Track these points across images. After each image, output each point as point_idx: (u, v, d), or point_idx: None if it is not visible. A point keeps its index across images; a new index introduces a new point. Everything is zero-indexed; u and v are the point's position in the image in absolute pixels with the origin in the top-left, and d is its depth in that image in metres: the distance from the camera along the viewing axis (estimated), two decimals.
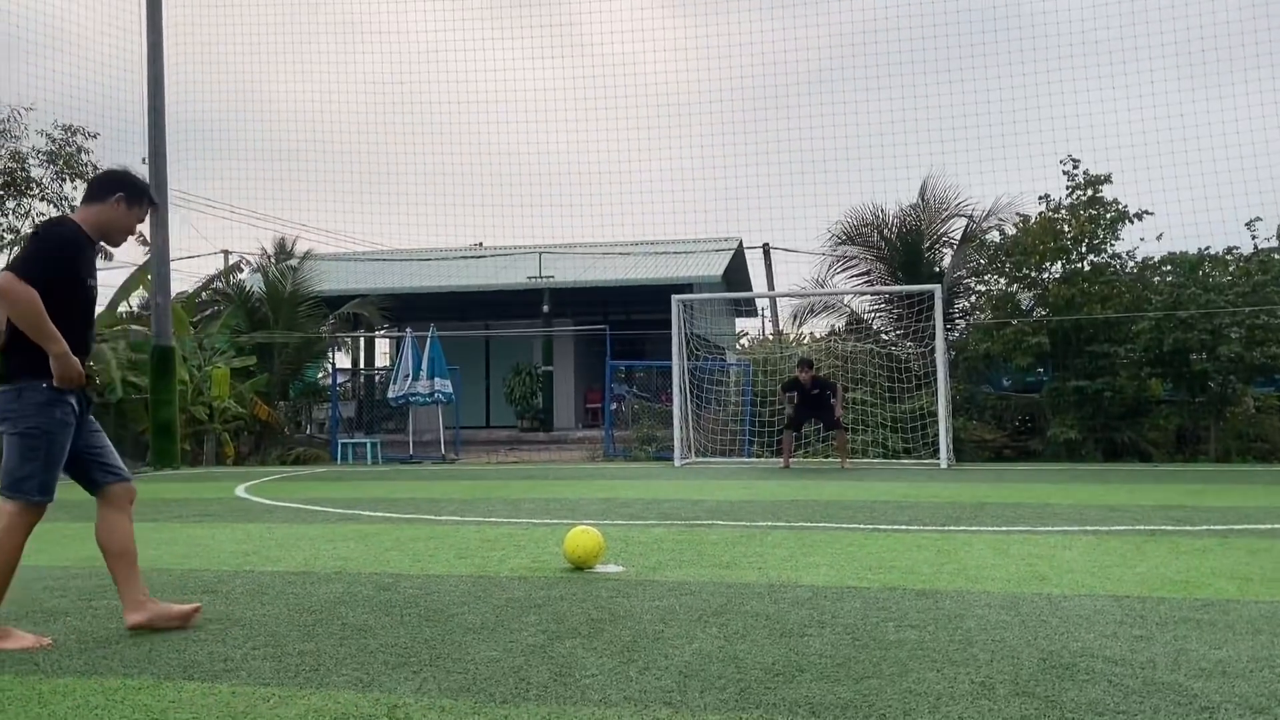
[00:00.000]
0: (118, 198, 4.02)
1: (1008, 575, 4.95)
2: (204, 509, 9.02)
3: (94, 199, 4.04)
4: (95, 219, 4.01)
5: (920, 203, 18.04)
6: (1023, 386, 17.11)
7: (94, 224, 4.00)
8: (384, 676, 3.25)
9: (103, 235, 4.06)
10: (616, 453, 17.44)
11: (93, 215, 4.01)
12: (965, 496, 9.19)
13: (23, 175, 18.83)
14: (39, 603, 4.64)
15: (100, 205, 4.01)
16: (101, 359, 16.17)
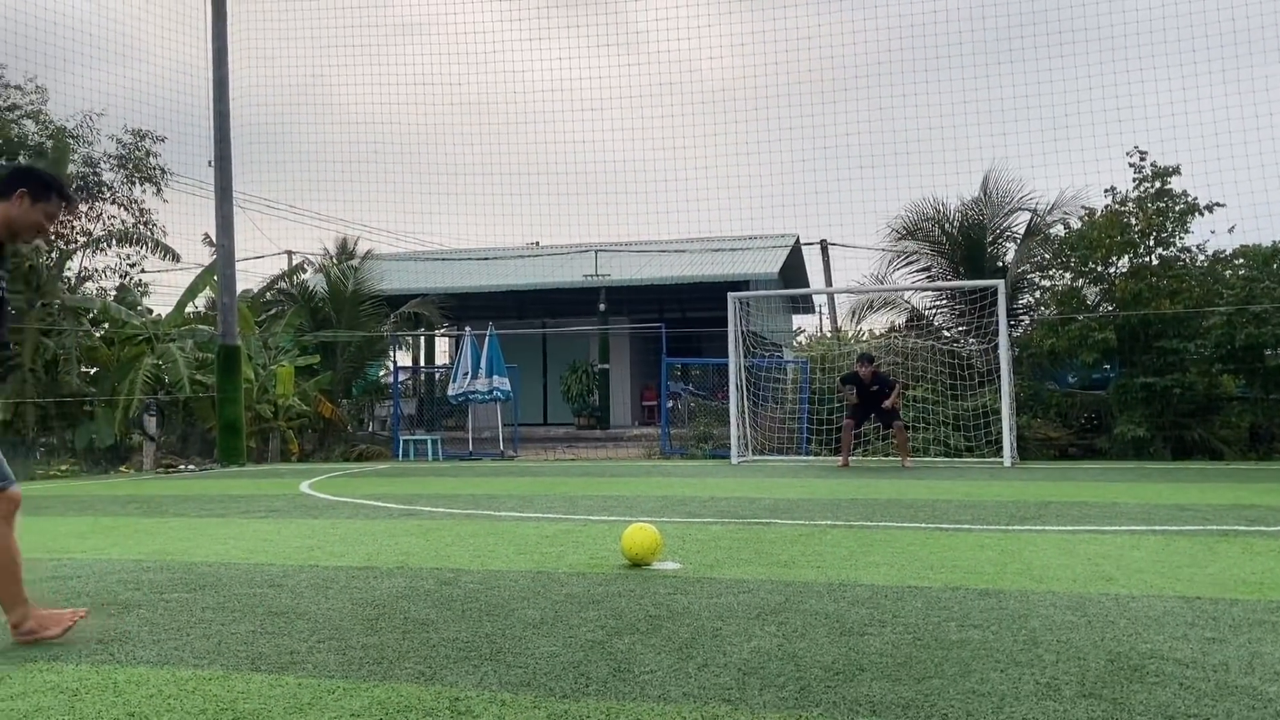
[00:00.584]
0: (20, 193, 3.87)
1: (1074, 575, 4.85)
2: (269, 505, 9.20)
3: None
4: (1, 217, 3.89)
5: (982, 196, 17.76)
6: (1089, 383, 16.77)
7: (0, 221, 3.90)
8: (446, 670, 3.29)
9: (10, 233, 3.91)
10: (673, 450, 17.44)
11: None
12: (1029, 495, 9.03)
13: (94, 179, 19.38)
14: (113, 595, 4.76)
15: (4, 203, 3.87)
16: (169, 358, 16.58)
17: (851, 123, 32.87)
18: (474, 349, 18.34)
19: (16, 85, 18.69)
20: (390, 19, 33.31)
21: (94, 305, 17.62)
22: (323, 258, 23.90)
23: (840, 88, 36.00)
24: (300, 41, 33.92)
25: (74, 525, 7.98)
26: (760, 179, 39.12)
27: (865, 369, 13.66)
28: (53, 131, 18.61)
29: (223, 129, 16.74)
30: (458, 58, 38.23)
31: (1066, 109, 26.82)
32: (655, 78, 40.87)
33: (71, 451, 16.19)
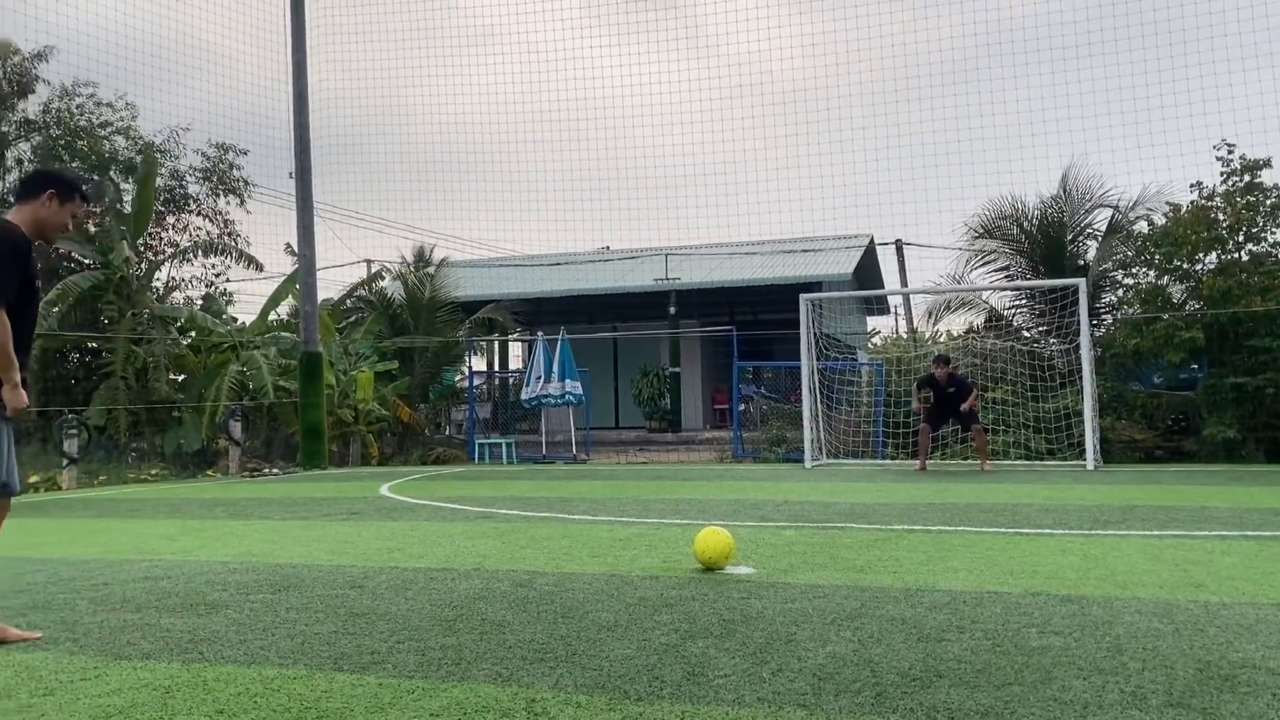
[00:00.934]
0: (49, 194, 4.04)
1: (1160, 581, 4.72)
2: (350, 507, 9.39)
3: (26, 198, 4.06)
4: (30, 218, 4.03)
5: (1061, 193, 17.34)
6: (1175, 384, 16.25)
7: (29, 223, 4.03)
8: (522, 671, 3.33)
9: (38, 233, 4.07)
10: (745, 454, 17.37)
11: (27, 215, 4.03)
12: (1114, 499, 8.81)
13: (181, 192, 20.02)
14: (201, 595, 4.91)
15: (33, 204, 4.04)
16: (254, 364, 17.02)
17: (926, 121, 32.39)
18: (546, 353, 18.49)
19: (108, 103, 19.41)
20: (464, 29, 33.85)
21: (181, 314, 18.18)
22: (400, 265, 24.35)
23: (914, 86, 35.52)
24: (377, 53, 34.63)
25: (164, 528, 8.24)
26: (833, 179, 38.79)
27: (941, 371, 13.44)
28: (141, 147, 19.27)
29: (303, 141, 17.15)
30: (530, 65, 38.62)
31: (1149, 102, 26.03)
32: (726, 80, 40.77)
33: (161, 456, 16.72)
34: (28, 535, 8.04)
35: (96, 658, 3.68)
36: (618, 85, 41.86)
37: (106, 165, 18.83)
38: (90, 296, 17.01)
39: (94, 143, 18.71)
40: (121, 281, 17.12)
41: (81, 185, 4.25)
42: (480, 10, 40.50)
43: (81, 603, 4.79)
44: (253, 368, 17.07)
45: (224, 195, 20.44)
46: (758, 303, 25.10)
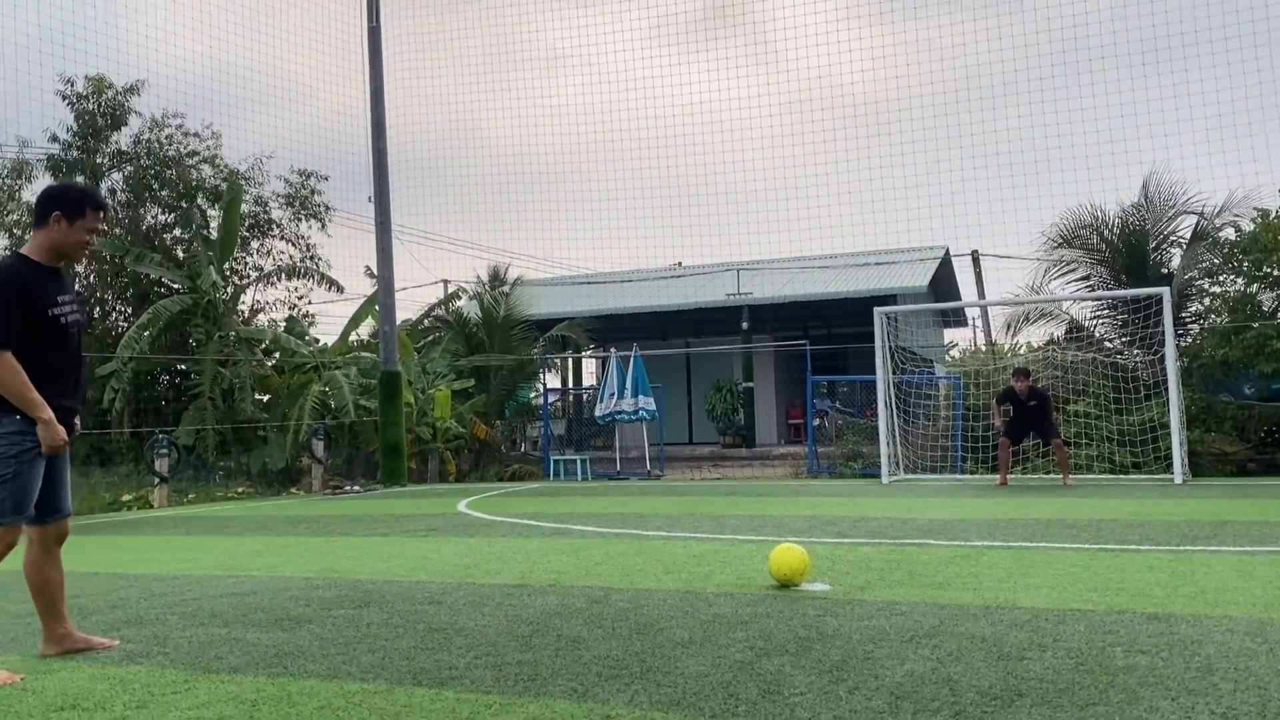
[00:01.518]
0: (55, 216, 4.01)
1: (1253, 599, 4.57)
2: (429, 524, 9.54)
3: (38, 225, 4.05)
4: (43, 244, 4.02)
5: (1143, 201, 16.90)
6: (1268, 395, 15.68)
7: (44, 248, 4.02)
8: (597, 687, 3.35)
9: (59, 255, 4.06)
10: (820, 469, 17.21)
11: (42, 240, 4.03)
12: (1203, 514, 8.53)
13: (265, 217, 20.61)
14: (286, 610, 5.03)
15: (44, 230, 4.02)
16: (335, 384, 17.40)
17: (1001, 130, 31.87)
18: (619, 370, 18.57)
19: (195, 133, 20.09)
20: (537, 52, 34.30)
21: (266, 336, 18.69)
22: (476, 285, 24.69)
23: (988, 94, 35.03)
24: (451, 77, 35.31)
25: (250, 544, 8.47)
26: (907, 191, 38.38)
27: (1022, 384, 13.18)
28: (227, 175, 19.90)
29: (381, 165, 17.54)
30: (602, 85, 39.01)
31: (1234, 105, 25.32)
32: (798, 93, 40.66)
33: (247, 474, 17.18)
34: (121, 552, 8.33)
35: (186, 671, 3.80)
36: (688, 102, 42.03)
37: (194, 194, 19.48)
38: (179, 320, 17.60)
39: (182, 172, 19.38)
40: (209, 305, 17.67)
41: (88, 195, 4.19)
42: (552, 33, 41.02)
43: (172, 617, 4.95)
44: (334, 387, 17.45)
45: (305, 220, 20.99)
46: (831, 317, 24.89)
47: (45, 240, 4.01)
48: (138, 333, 16.75)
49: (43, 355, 3.89)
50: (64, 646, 4.14)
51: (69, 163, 18.98)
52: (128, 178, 19.43)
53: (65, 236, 4.02)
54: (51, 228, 4.00)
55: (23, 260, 3.99)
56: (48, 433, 3.86)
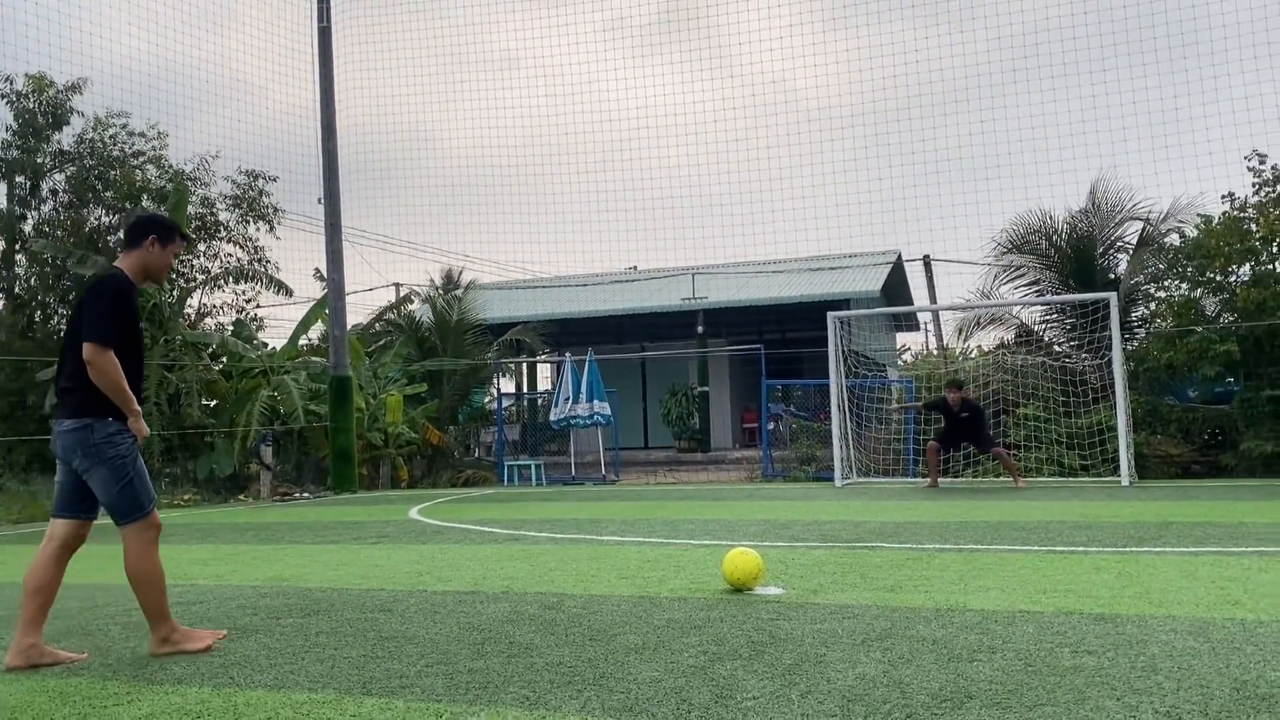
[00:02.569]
0: (151, 240, 4.35)
1: (1196, 599, 4.65)
2: (380, 531, 9.43)
3: (132, 245, 4.36)
4: (137, 264, 4.35)
5: (1091, 207, 17.21)
6: (1211, 398, 16.04)
7: (137, 268, 4.34)
8: (550, 695, 3.33)
9: (146, 276, 4.40)
10: (775, 473, 17.29)
11: (134, 261, 4.34)
12: (1148, 515, 8.69)
13: (212, 219, 20.29)
14: (233, 620, 4.94)
15: (139, 250, 4.35)
16: (284, 389, 17.17)
17: (953, 136, 32.26)
18: (574, 374, 18.53)
19: (140, 132, 19.72)
20: (489, 55, 34.18)
21: (213, 340, 18.38)
22: (429, 289, 24.50)
23: (940, 101, 35.43)
24: (403, 79, 35.04)
25: (196, 552, 8.31)
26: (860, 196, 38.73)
27: (954, 395, 13.41)
28: (172, 175, 19.55)
29: (331, 167, 17.35)
30: (555, 88, 38.90)
31: (1178, 114, 25.89)
32: (750, 99, 40.90)
33: (193, 481, 16.88)
34: None
35: (129, 683, 3.71)
36: (642, 106, 42.11)
37: (138, 195, 19.11)
38: None
39: (126, 172, 19.01)
40: (154, 309, 17.35)
41: (179, 226, 4.55)
42: (504, 36, 40.90)
43: (114, 628, 4.84)
44: (283, 392, 17.22)
45: (254, 222, 20.67)
46: (786, 321, 25.05)
47: (138, 260, 4.35)
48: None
49: (125, 363, 4.17)
50: (29, 660, 4.06)
51: (8, 162, 18.53)
52: (70, 178, 19.02)
53: (157, 259, 4.39)
54: (147, 249, 4.35)
55: (123, 275, 4.28)
56: (139, 426, 4.19)
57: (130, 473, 4.15)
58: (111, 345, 4.08)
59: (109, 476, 4.12)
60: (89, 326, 4.08)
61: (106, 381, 4.07)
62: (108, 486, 4.13)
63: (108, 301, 4.13)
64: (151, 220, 4.46)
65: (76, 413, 4.13)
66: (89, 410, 4.12)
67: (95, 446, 4.10)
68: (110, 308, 4.12)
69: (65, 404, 4.18)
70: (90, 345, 4.05)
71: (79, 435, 4.12)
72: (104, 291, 4.16)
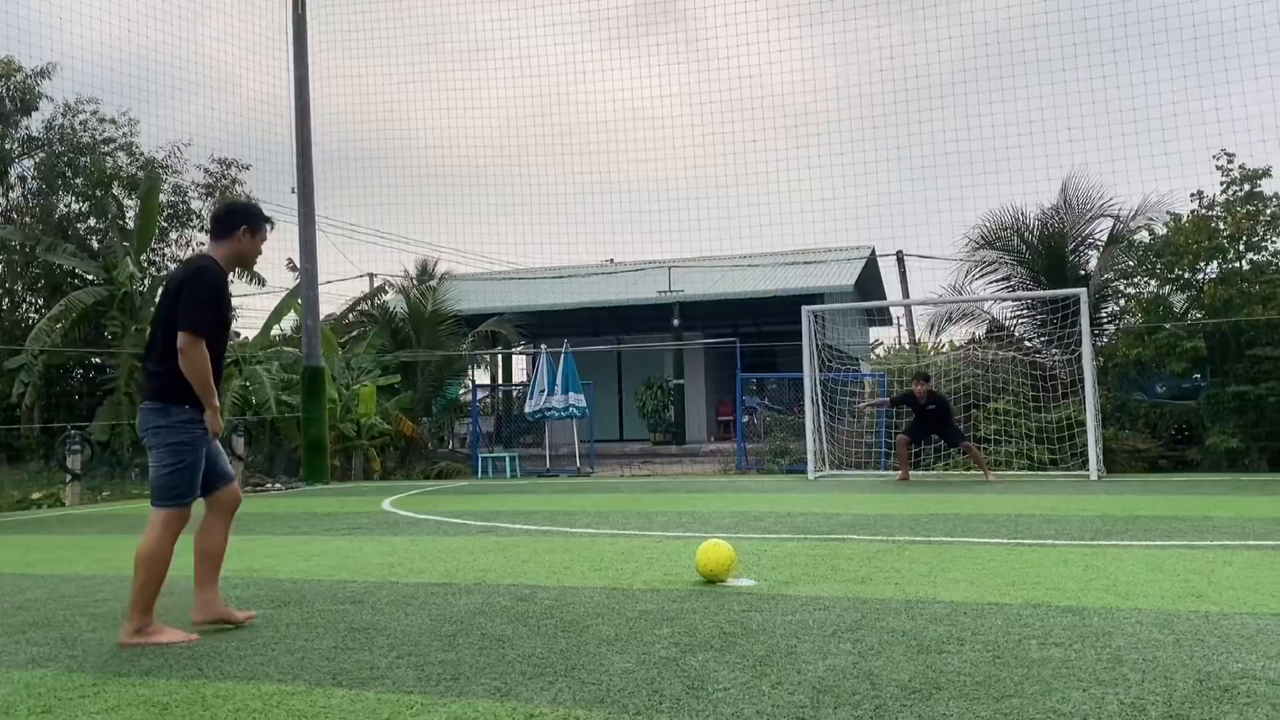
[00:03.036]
0: (243, 229, 4.43)
1: (1161, 592, 4.71)
2: (352, 522, 9.39)
3: (223, 235, 4.42)
4: (230, 253, 4.43)
5: (1062, 203, 17.35)
6: (1178, 393, 16.23)
7: (228, 257, 4.43)
8: (521, 686, 3.33)
9: (237, 264, 4.51)
10: (749, 466, 17.34)
11: (227, 250, 4.42)
12: (1116, 509, 8.79)
13: (184, 207, 20.09)
14: None
15: (231, 240, 4.42)
16: (256, 379, 17.03)
17: (927, 133, 32.43)
18: (550, 366, 18.49)
19: (110, 119, 19.49)
20: (466, 44, 34.00)
21: None
22: (403, 279, 24.38)
23: (915, 98, 35.62)
24: (379, 68, 34.78)
25: None
26: (835, 191, 38.86)
27: (921, 388, 13.51)
28: (144, 163, 19.34)
29: (305, 156, 17.20)
30: (533, 79, 38.79)
31: (1149, 112, 26.10)
32: (728, 93, 40.92)
33: None
34: (29, 551, 8.05)
35: (95, 675, 3.68)
36: (619, 97, 42.03)
37: (109, 182, 18.89)
38: (94, 312, 17.06)
39: (96, 159, 18.78)
40: (125, 297, 17.17)
41: (264, 214, 4.63)
42: (482, 25, 40.70)
43: (81, 619, 4.80)
44: (255, 383, 17.09)
45: None
46: (761, 315, 25.11)
47: (230, 250, 4.43)
48: (49, 325, 16.20)
49: (215, 353, 4.28)
50: (208, 614, 4.41)
51: None
52: (39, 164, 18.78)
53: (248, 248, 4.47)
54: (239, 239, 4.42)
55: (217, 264, 4.36)
56: (215, 419, 4.28)
57: (185, 463, 4.25)
58: (205, 335, 4.18)
59: (164, 458, 4.23)
60: (185, 315, 4.16)
61: (194, 371, 4.16)
62: (159, 467, 4.24)
63: (206, 291, 4.22)
64: (243, 210, 4.55)
65: (158, 395, 4.24)
66: (169, 395, 4.23)
67: (165, 428, 4.22)
68: (208, 298, 4.22)
69: (149, 385, 4.29)
70: (185, 334, 4.14)
71: (155, 415, 4.24)
72: (203, 281, 4.24)
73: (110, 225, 18.25)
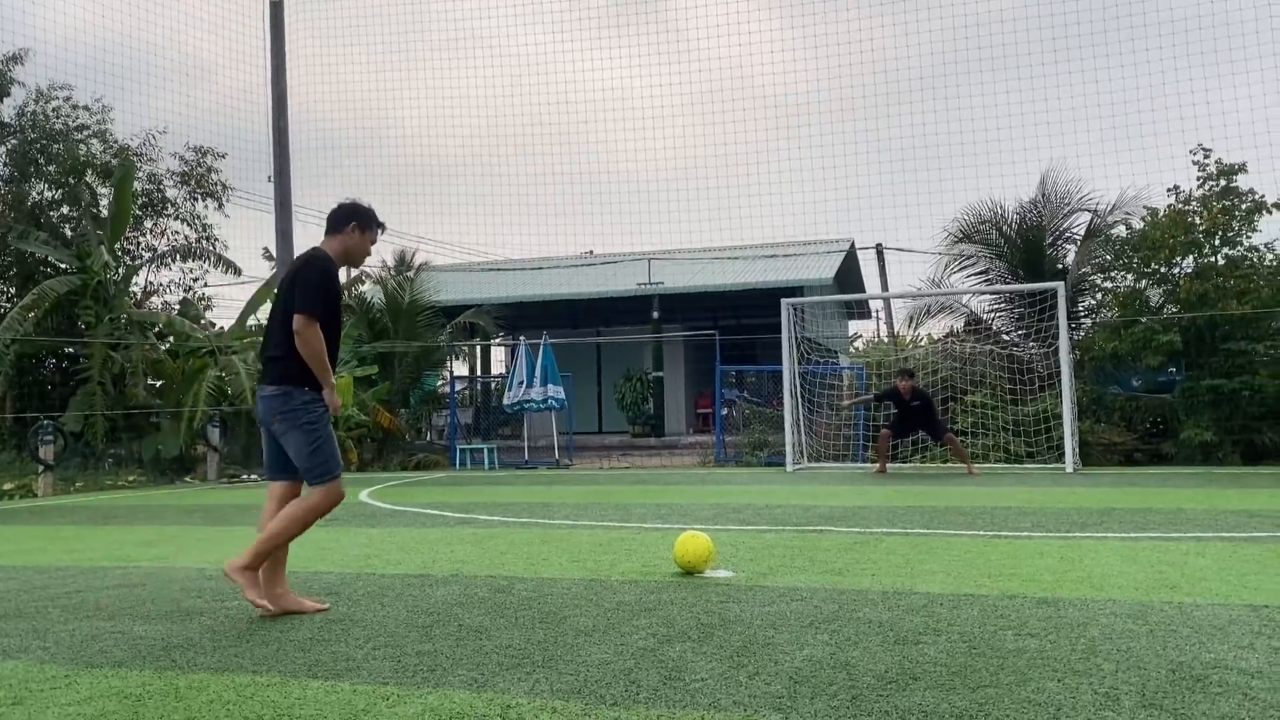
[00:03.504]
0: (353, 226, 4.63)
1: (1135, 583, 4.75)
2: (329, 514, 9.32)
3: (335, 230, 4.65)
4: (340, 248, 4.64)
5: (1040, 197, 17.45)
6: (1154, 387, 16.37)
7: (338, 251, 4.64)
8: (498, 677, 3.31)
9: (345, 260, 4.71)
10: (728, 458, 17.37)
11: (337, 245, 4.64)
12: (1091, 501, 8.86)
13: (159, 196, 19.87)
14: (176, 602, 4.87)
15: (341, 235, 4.64)
16: (232, 370, 16.90)
17: (906, 126, 32.52)
18: (529, 358, 18.45)
19: (84, 106, 19.25)
20: (446, 33, 33.77)
21: (159, 319, 18.02)
22: (380, 269, 24.23)
23: (895, 91, 35.68)
24: (357, 57, 34.57)
25: (140, 534, 8.18)
26: (815, 184, 38.92)
27: (905, 383, 13.56)
28: (117, 150, 19.12)
29: (281, 144, 17.07)
30: (511, 69, 38.61)
31: (1126, 107, 26.28)
32: (707, 85, 40.87)
33: (139, 462, 16.57)
34: (0, 543, 7.95)
35: (67, 666, 3.64)
36: (600, 89, 41.89)
37: (82, 169, 18.66)
38: (67, 301, 16.85)
39: (70, 146, 18.55)
40: (99, 286, 16.98)
41: (377, 217, 4.78)
42: (460, 14, 40.47)
43: (53, 610, 4.74)
44: (231, 373, 16.94)
45: (202, 199, 20.30)
46: (740, 307, 25.14)
47: (340, 245, 4.64)
48: (22, 314, 16.00)
49: (326, 338, 4.44)
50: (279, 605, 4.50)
51: None
52: (11, 151, 18.51)
53: (358, 245, 4.67)
54: (349, 234, 4.63)
55: (329, 256, 4.58)
56: (331, 398, 4.47)
57: (321, 437, 4.44)
58: (320, 318, 4.36)
59: (302, 440, 4.41)
60: (301, 299, 4.36)
61: (310, 351, 4.35)
62: (300, 449, 4.42)
63: (320, 277, 4.43)
64: (354, 209, 4.68)
65: (279, 380, 4.42)
66: (290, 378, 4.41)
67: (292, 411, 4.40)
68: (319, 282, 4.42)
69: (270, 371, 4.48)
70: (300, 316, 4.33)
71: (279, 400, 4.42)
72: (315, 268, 4.46)
73: (84, 213, 18.04)
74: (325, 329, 4.41)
